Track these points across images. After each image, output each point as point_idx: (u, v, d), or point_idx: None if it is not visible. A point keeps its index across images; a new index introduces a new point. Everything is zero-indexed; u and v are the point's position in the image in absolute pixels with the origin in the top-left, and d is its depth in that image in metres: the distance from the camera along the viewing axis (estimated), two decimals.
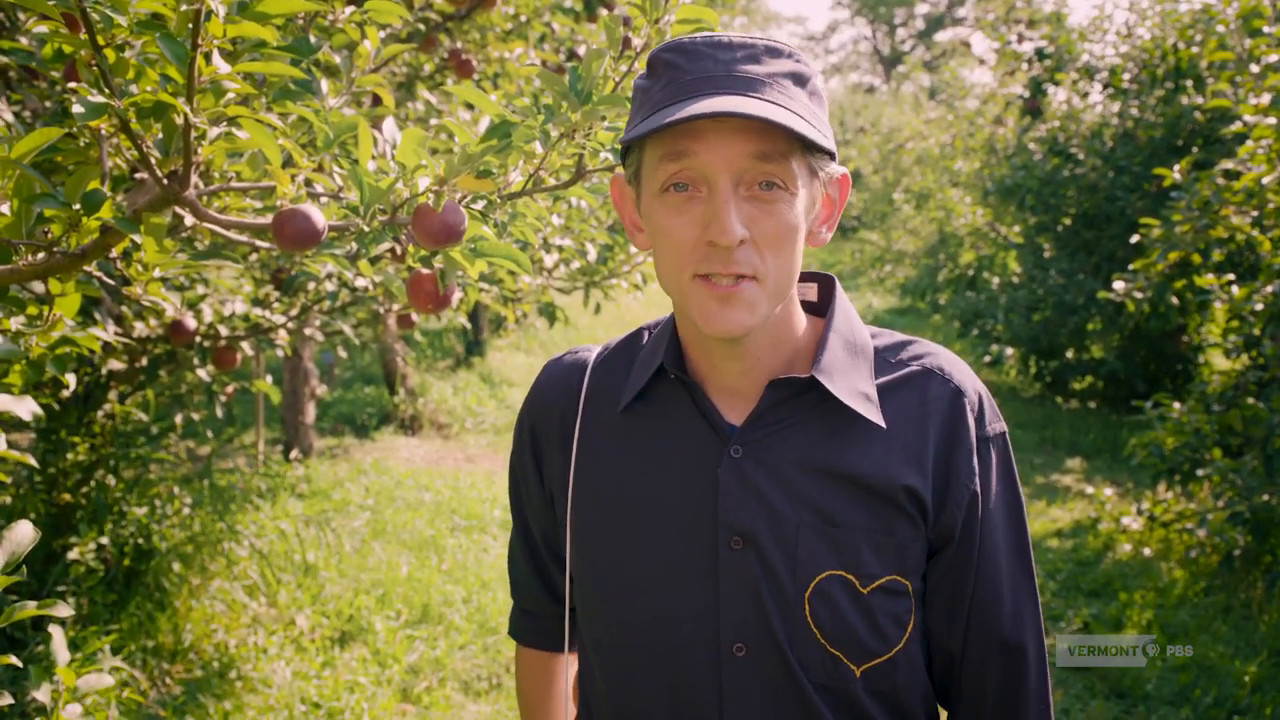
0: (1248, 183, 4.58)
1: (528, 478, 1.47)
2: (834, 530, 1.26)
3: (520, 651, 1.63)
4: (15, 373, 1.87)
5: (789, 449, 1.28)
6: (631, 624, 1.33)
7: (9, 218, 1.39)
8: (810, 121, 1.18)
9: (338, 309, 3.81)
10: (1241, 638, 4.57)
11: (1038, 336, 9.07)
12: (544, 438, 1.43)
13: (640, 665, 1.33)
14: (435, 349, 10.89)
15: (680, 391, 1.34)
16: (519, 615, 1.61)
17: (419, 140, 1.43)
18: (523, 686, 1.63)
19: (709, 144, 1.17)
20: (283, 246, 1.41)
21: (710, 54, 1.19)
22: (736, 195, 1.17)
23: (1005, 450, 1.34)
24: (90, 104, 1.25)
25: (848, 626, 1.26)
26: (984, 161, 10.85)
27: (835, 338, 1.31)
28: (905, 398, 1.30)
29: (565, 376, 1.44)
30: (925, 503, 1.27)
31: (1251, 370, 5.25)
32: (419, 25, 3.90)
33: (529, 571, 1.54)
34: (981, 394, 1.33)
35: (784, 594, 1.26)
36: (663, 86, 1.21)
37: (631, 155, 1.27)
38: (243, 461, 7.07)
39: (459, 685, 4.22)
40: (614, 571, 1.35)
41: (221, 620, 4.38)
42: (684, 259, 1.20)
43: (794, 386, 1.29)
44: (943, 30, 42.70)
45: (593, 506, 1.37)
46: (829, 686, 1.27)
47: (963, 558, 1.30)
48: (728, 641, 1.27)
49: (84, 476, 4.12)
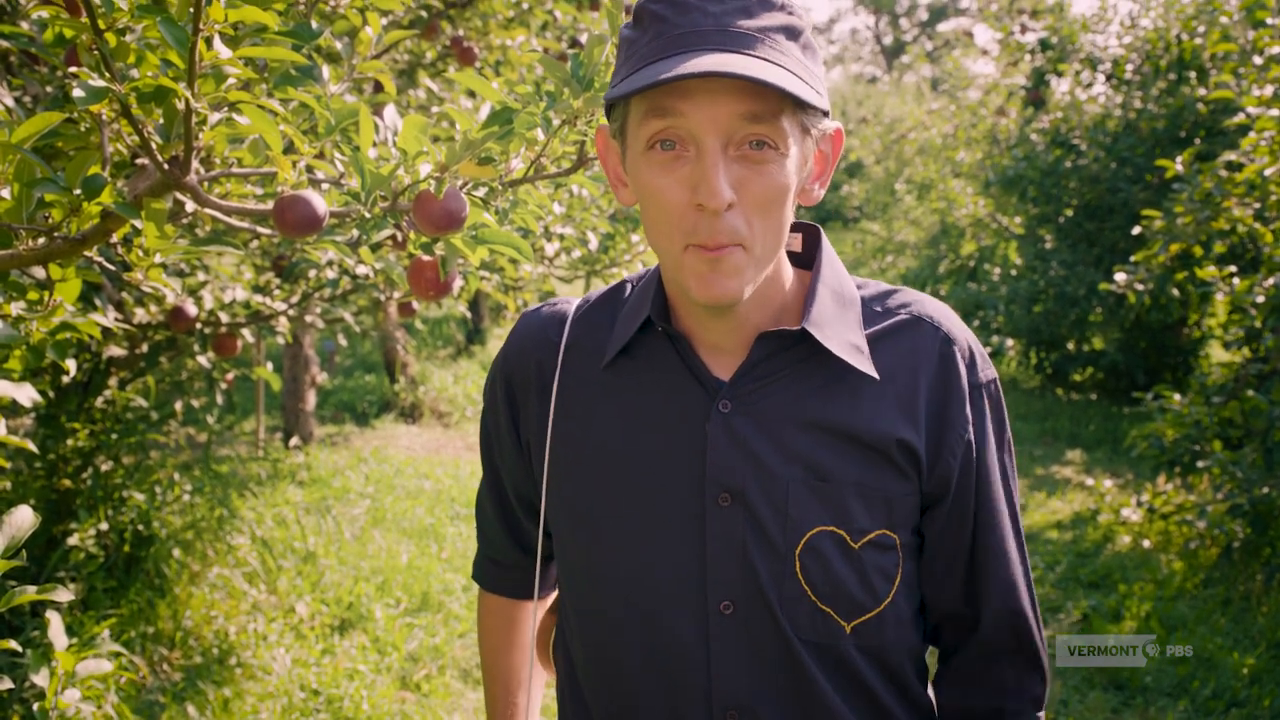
0: (1250, 175, 4.58)
1: (500, 427, 1.43)
2: (824, 485, 1.24)
3: (484, 597, 1.60)
4: (15, 358, 1.87)
5: (778, 403, 1.26)
6: (613, 580, 1.31)
7: (10, 202, 1.38)
8: (804, 79, 1.13)
9: (338, 296, 3.80)
10: (1240, 630, 4.57)
11: (1039, 328, 9.07)
12: (520, 387, 1.40)
13: (622, 622, 1.30)
14: (436, 337, 10.89)
15: (666, 346, 1.31)
16: (484, 562, 1.57)
17: (420, 127, 1.42)
18: (486, 633, 1.60)
19: (697, 103, 1.11)
20: (284, 233, 1.41)
21: (699, 6, 1.13)
22: (725, 156, 1.13)
23: (998, 397, 1.31)
24: (91, 88, 1.24)
25: (839, 582, 1.24)
26: (986, 152, 10.84)
27: (823, 289, 1.28)
28: (895, 347, 1.27)
29: (543, 326, 1.40)
30: (919, 455, 1.25)
31: (1252, 363, 5.25)
32: (421, 12, 3.90)
33: (497, 522, 1.52)
34: (971, 341, 1.31)
35: (774, 551, 1.23)
36: (650, 40, 1.15)
37: (617, 109, 1.21)
38: (243, 448, 7.08)
39: (458, 673, 4.23)
40: (595, 527, 1.32)
41: (221, 607, 4.39)
42: (674, 225, 1.16)
43: (784, 339, 1.26)
44: (945, 21, 42.60)
45: (573, 459, 1.34)
46: (818, 644, 1.25)
47: (960, 508, 1.28)
48: (715, 600, 1.25)
49: (84, 462, 4.12)
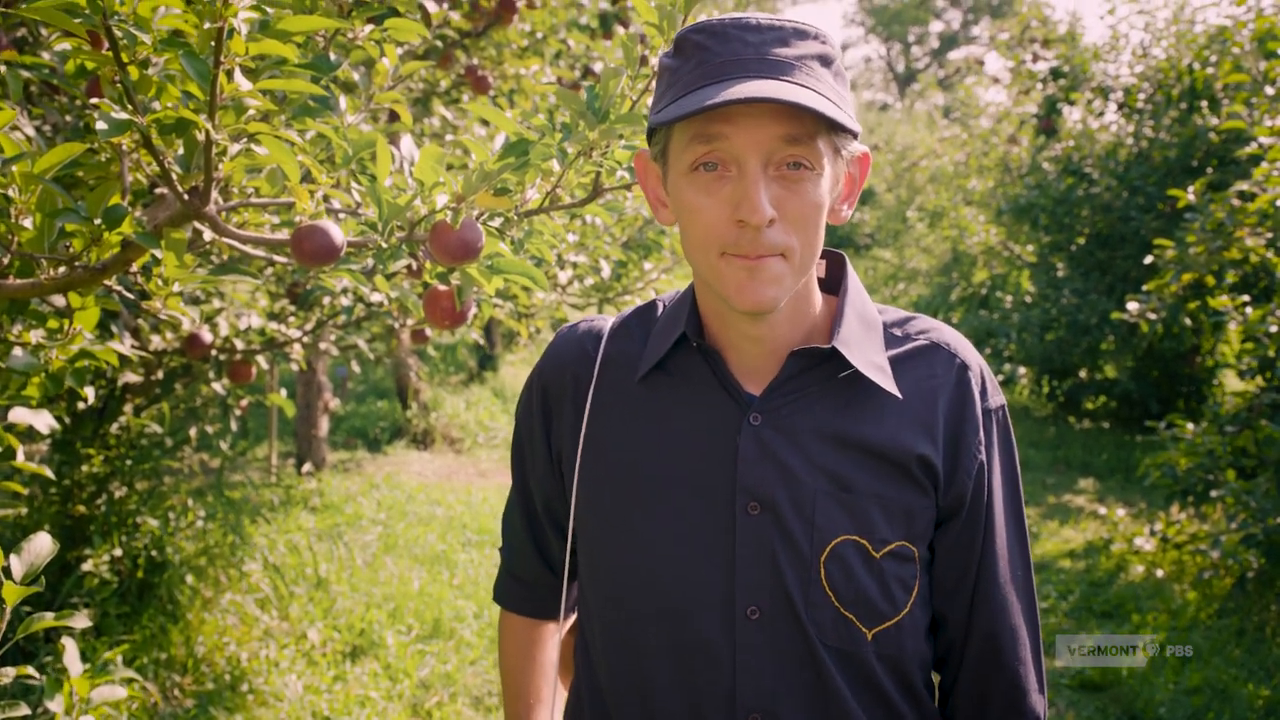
0: (1262, 204, 4.58)
1: (534, 439, 1.48)
2: (848, 496, 1.30)
3: (505, 618, 1.62)
4: (33, 385, 1.88)
5: (807, 417, 1.32)
6: (643, 584, 1.36)
7: (32, 232, 1.40)
8: (836, 103, 1.21)
9: (352, 324, 3.82)
10: (1255, 660, 4.54)
11: (1051, 356, 9.05)
12: (555, 399, 1.45)
13: (650, 625, 1.35)
14: (448, 364, 10.92)
15: (699, 361, 1.37)
16: (508, 580, 1.61)
17: (437, 157, 1.44)
18: (506, 654, 1.62)
19: (740, 127, 1.20)
20: (302, 262, 1.43)
21: (739, 36, 1.22)
22: (765, 175, 1.21)
23: (1005, 423, 1.39)
24: (114, 120, 1.26)
25: (861, 589, 1.30)
26: (998, 180, 10.85)
27: (850, 311, 1.35)
28: (914, 370, 1.35)
29: (580, 341, 1.46)
30: (937, 471, 1.32)
31: (1266, 392, 5.24)
32: (436, 42, 3.93)
33: (525, 538, 1.55)
34: (983, 368, 1.39)
35: (800, 558, 1.29)
36: (692, 68, 1.23)
37: (659, 133, 1.29)
38: (256, 474, 7.09)
39: (470, 700, 4.22)
40: (625, 533, 1.37)
41: (233, 633, 4.39)
42: (713, 238, 1.23)
43: (814, 357, 1.33)
44: (957, 49, 42.72)
45: (604, 471, 1.39)
46: (841, 649, 1.30)
47: (970, 527, 1.35)
48: (743, 605, 1.30)
49: (98, 488, 4.14)
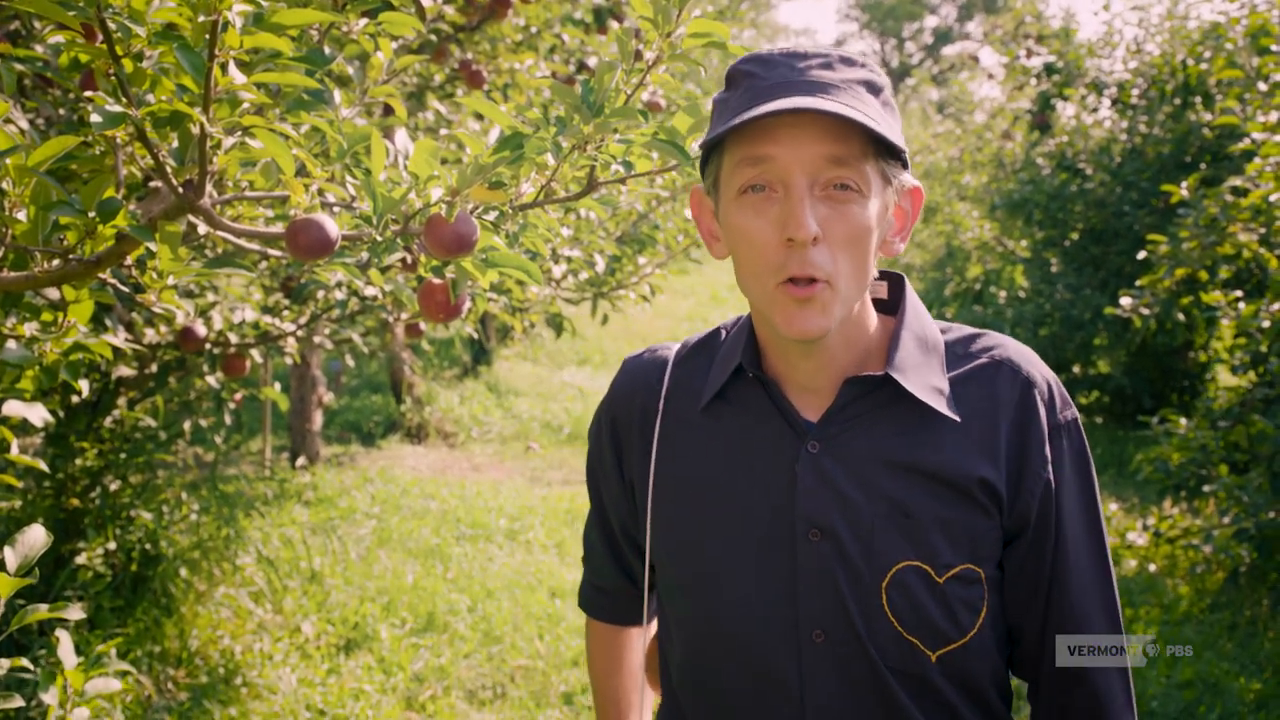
0: (1255, 200, 4.59)
1: (607, 470, 1.52)
2: (908, 522, 1.30)
3: (590, 625, 1.68)
4: (28, 379, 1.88)
5: (864, 444, 1.32)
6: (712, 610, 1.38)
7: (26, 225, 1.40)
8: (881, 127, 1.22)
9: (346, 317, 3.82)
10: (1246, 655, 4.56)
11: (1044, 351, 9.04)
12: (624, 429, 1.49)
13: (722, 650, 1.38)
14: (442, 358, 10.90)
15: (758, 389, 1.38)
16: (591, 590, 1.65)
17: (431, 151, 1.44)
18: (594, 659, 1.68)
19: (785, 145, 1.22)
20: (296, 255, 1.43)
21: (786, 62, 1.25)
22: (811, 195, 1.22)
23: (1078, 436, 1.36)
24: (108, 113, 1.26)
25: (924, 615, 1.29)
26: (992, 176, 10.84)
27: (907, 334, 1.35)
28: (976, 390, 1.33)
29: (646, 373, 1.49)
30: (999, 493, 1.30)
31: (1258, 387, 5.25)
32: (430, 36, 3.92)
33: (604, 553, 1.60)
34: (1051, 382, 1.36)
35: (861, 583, 1.30)
36: (740, 94, 1.26)
37: (710, 165, 1.32)
38: (249, 468, 7.09)
39: (463, 694, 4.22)
40: (696, 563, 1.39)
41: (227, 626, 4.39)
42: (764, 264, 1.25)
43: (869, 384, 1.33)
44: (951, 44, 42.71)
45: (674, 500, 1.42)
46: (904, 671, 1.31)
47: (1039, 544, 1.33)
48: (806, 629, 1.32)
49: (92, 482, 4.13)
